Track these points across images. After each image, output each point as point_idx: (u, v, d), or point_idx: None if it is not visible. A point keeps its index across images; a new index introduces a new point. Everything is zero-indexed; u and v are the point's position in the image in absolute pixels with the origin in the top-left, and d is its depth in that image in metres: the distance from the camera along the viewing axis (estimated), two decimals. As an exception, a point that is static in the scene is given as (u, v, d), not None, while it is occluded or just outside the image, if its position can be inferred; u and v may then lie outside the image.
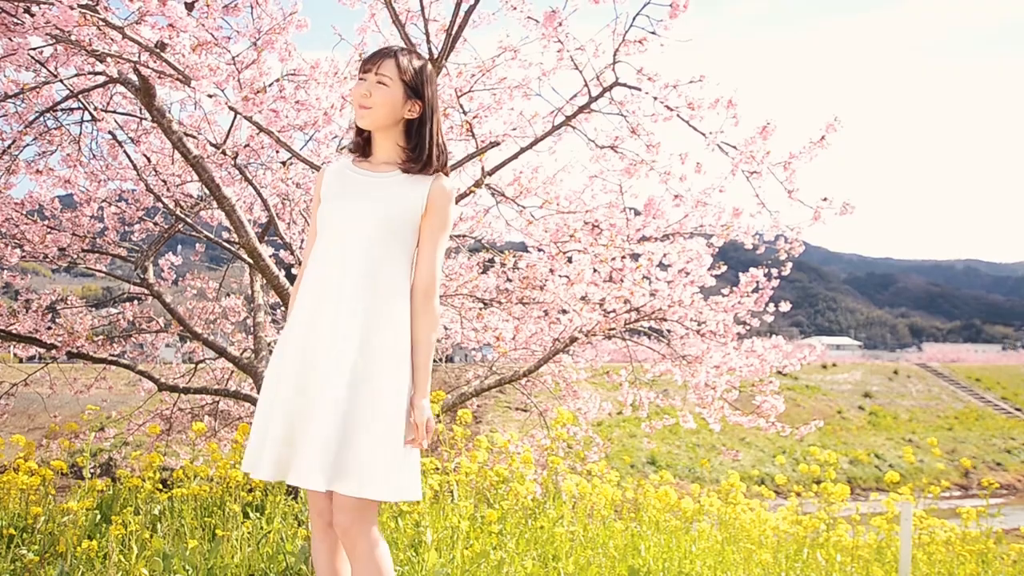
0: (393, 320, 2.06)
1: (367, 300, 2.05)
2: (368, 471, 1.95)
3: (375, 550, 2.02)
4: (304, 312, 2.10)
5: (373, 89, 2.08)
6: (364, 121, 2.12)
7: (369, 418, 1.98)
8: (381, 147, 2.17)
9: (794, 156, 4.37)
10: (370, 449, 1.97)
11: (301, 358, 2.05)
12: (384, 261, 2.08)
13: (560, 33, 4.11)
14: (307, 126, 4.96)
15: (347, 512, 2.00)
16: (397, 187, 2.12)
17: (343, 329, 2.02)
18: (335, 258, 2.08)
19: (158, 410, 8.02)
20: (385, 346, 2.04)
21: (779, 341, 6.53)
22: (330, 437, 1.94)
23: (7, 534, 3.37)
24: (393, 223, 2.09)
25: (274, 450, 1.99)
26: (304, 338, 2.07)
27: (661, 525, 4.38)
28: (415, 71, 2.12)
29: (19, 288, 6.47)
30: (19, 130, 4.32)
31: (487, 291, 6.26)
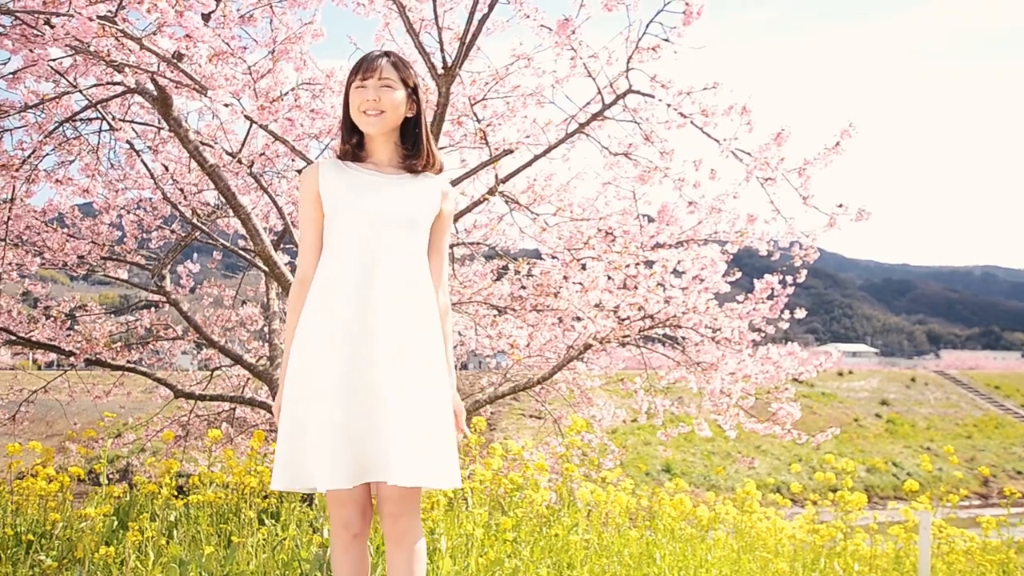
0: (430, 316, 2.13)
1: (406, 297, 2.09)
2: (431, 460, 2.00)
3: (421, 538, 2.10)
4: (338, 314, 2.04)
5: (380, 94, 2.11)
6: (374, 127, 2.13)
7: (428, 410, 2.04)
8: (381, 149, 2.19)
9: (809, 162, 4.36)
10: (432, 439, 2.02)
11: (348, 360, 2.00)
12: (412, 257, 2.13)
13: (573, 41, 4.13)
14: (322, 134, 5.01)
15: (404, 502, 2.05)
16: (412, 187, 2.17)
17: (392, 326, 2.04)
18: (359, 260, 2.06)
19: (175, 417, 8.07)
20: (429, 339, 2.10)
21: (794, 348, 6.50)
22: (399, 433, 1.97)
23: (26, 540, 3.40)
24: (415, 221, 2.14)
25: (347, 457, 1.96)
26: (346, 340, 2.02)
27: (676, 533, 4.36)
28: (410, 72, 2.19)
29: (39, 296, 6.53)
30: (39, 140, 4.37)
31: (501, 298, 6.27)
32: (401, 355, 2.03)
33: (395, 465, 1.95)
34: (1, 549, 3.35)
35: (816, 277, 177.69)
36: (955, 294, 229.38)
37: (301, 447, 2.00)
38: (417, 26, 4.07)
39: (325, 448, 1.95)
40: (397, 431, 1.96)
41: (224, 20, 3.32)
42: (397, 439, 1.96)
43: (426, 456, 1.99)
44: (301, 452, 2.00)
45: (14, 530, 3.49)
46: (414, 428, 1.99)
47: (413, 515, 2.08)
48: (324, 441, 1.96)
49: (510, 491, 4.01)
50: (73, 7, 2.75)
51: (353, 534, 2.10)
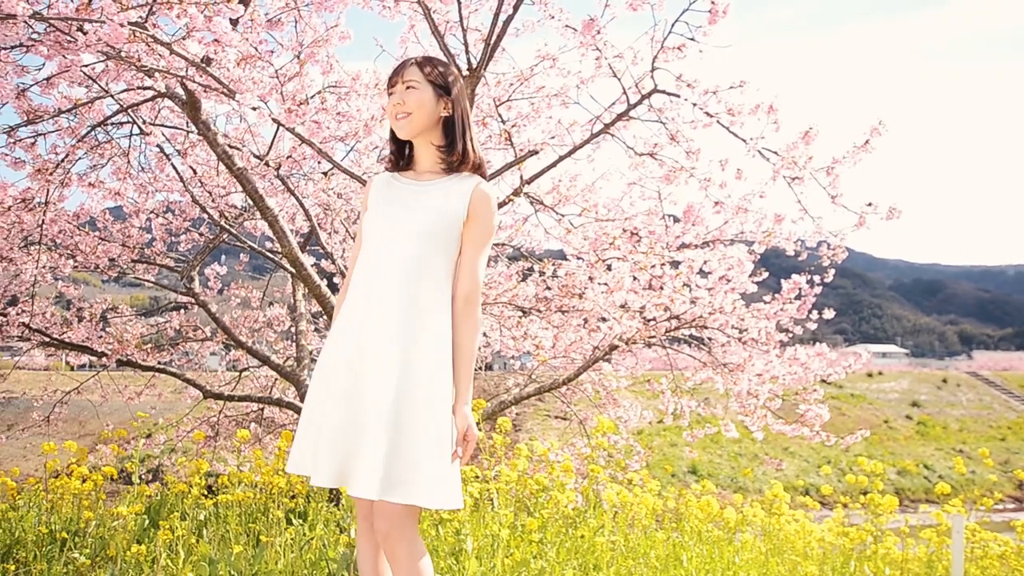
0: (434, 329, 2.07)
1: (409, 309, 2.06)
2: (412, 479, 1.96)
3: (415, 556, 2.02)
4: (348, 322, 2.12)
5: (405, 96, 2.12)
6: (405, 130, 2.14)
7: (413, 427, 1.99)
8: (423, 155, 2.19)
9: (837, 161, 4.31)
10: (414, 457, 1.97)
11: (348, 367, 2.07)
12: (425, 269, 2.09)
13: (598, 41, 4.12)
14: (348, 137, 5.04)
15: (388, 518, 2.00)
16: (439, 195, 2.13)
17: (386, 339, 2.04)
18: (377, 268, 2.10)
19: (204, 417, 8.17)
20: (427, 354, 2.04)
21: (823, 349, 6.43)
22: (380, 447, 1.95)
23: (60, 538, 3.46)
24: (434, 232, 2.10)
25: (330, 459, 2.02)
26: (349, 348, 2.08)
27: (703, 535, 4.33)
28: (439, 71, 2.16)
29: (71, 298, 6.65)
30: (72, 144, 4.45)
31: (526, 299, 6.27)
32: (387, 373, 2.01)
33: (357, 477, 1.98)
34: (36, 547, 3.42)
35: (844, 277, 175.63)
36: (987, 294, 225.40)
37: (306, 442, 2.09)
38: (442, 28, 4.08)
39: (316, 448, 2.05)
40: (366, 445, 1.98)
41: (252, 24, 3.35)
42: (367, 454, 1.97)
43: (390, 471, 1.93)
44: (304, 447, 2.10)
45: (49, 528, 3.55)
46: (382, 443, 1.95)
47: (400, 533, 2.01)
48: (317, 442, 2.05)
49: (536, 492, 4.01)
50: (105, 14, 2.79)
51: (371, 524, 2.12)
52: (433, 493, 1.97)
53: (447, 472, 2.01)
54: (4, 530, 3.56)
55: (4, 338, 5.40)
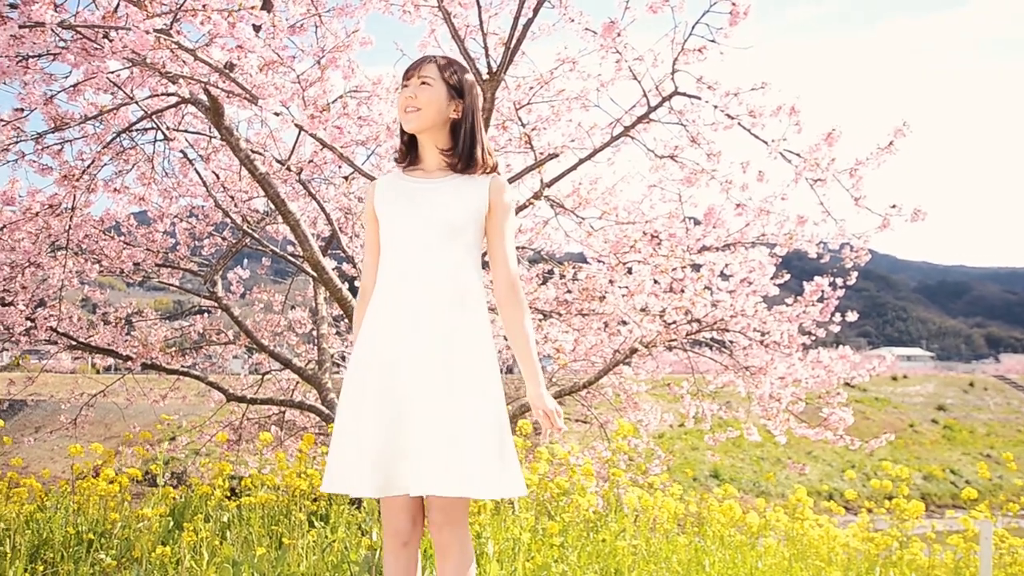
0: (473, 322, 2.08)
1: (445, 306, 2.06)
2: (474, 472, 1.97)
3: (468, 550, 2.07)
4: (380, 327, 2.09)
5: (418, 91, 2.12)
6: (412, 123, 2.14)
7: (469, 421, 2.00)
8: (429, 152, 2.19)
9: (861, 162, 4.26)
10: (474, 451, 1.98)
11: (384, 373, 2.05)
12: (454, 264, 2.09)
13: (618, 44, 4.11)
14: (369, 141, 5.07)
15: (445, 511, 2.03)
16: (456, 190, 2.13)
17: (426, 338, 2.03)
18: (405, 269, 2.10)
19: (227, 420, 8.24)
20: (471, 349, 2.05)
21: (846, 351, 6.36)
22: (438, 445, 1.96)
23: (87, 539, 3.51)
24: (461, 226, 2.10)
25: (375, 469, 1.99)
26: (384, 353, 2.06)
27: (726, 540, 4.30)
28: (456, 73, 2.16)
29: (97, 302, 6.74)
30: (98, 150, 4.51)
31: (547, 302, 6.26)
32: (427, 370, 2.01)
33: (413, 476, 1.97)
34: (64, 547, 3.46)
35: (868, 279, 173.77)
36: (1015, 296, 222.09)
37: (343, 455, 2.06)
38: (462, 32, 4.09)
39: (358, 458, 2.02)
40: (417, 444, 1.98)
41: (274, 30, 3.39)
42: (417, 452, 1.97)
43: (448, 467, 1.95)
44: (342, 460, 2.06)
45: (76, 529, 3.59)
46: (435, 440, 1.96)
47: (456, 525, 2.05)
48: (357, 452, 2.02)
49: (556, 496, 4.01)
50: (130, 21, 2.83)
51: (403, 542, 2.11)
52: (492, 485, 1.99)
53: (502, 462, 2.02)
54: (32, 531, 3.61)
55: (33, 341, 5.48)
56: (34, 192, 4.83)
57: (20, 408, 23.88)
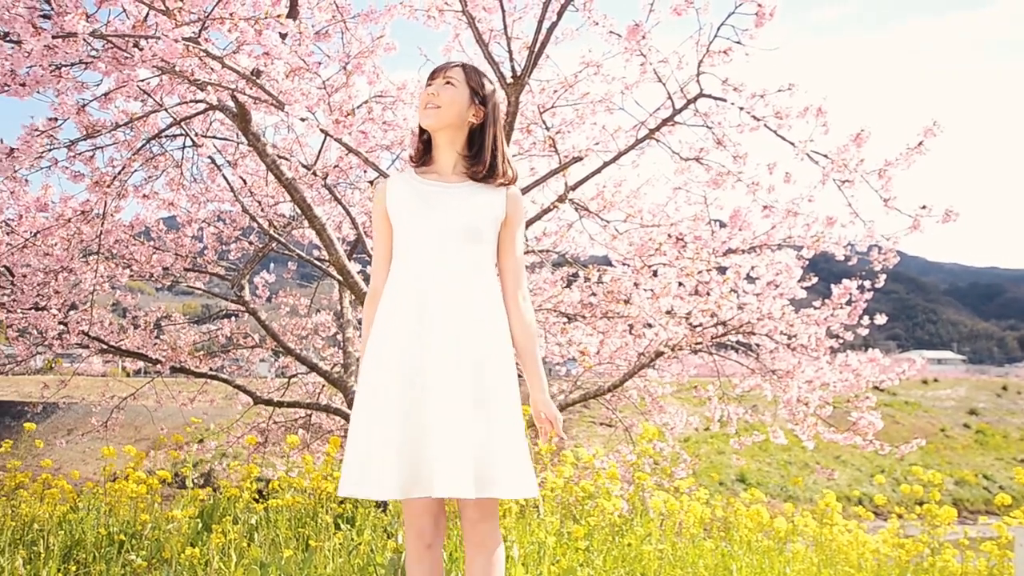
0: (493, 325, 2.10)
1: (464, 309, 2.07)
2: (499, 474, 1.98)
3: (500, 545, 2.10)
4: (396, 329, 2.09)
5: (440, 90, 2.14)
6: (430, 119, 2.15)
7: (491, 423, 2.01)
8: (445, 156, 2.19)
9: (890, 163, 4.21)
10: (502, 453, 2.00)
11: (406, 376, 2.04)
12: (472, 269, 2.10)
13: (643, 46, 4.10)
14: (394, 145, 5.10)
15: (479, 510, 2.06)
16: (473, 196, 2.14)
17: (447, 341, 2.04)
18: (421, 271, 2.10)
19: (254, 423, 8.31)
20: (494, 352, 2.07)
21: (875, 355, 6.28)
22: (466, 447, 1.97)
23: (118, 540, 3.56)
24: (479, 230, 2.11)
25: (398, 471, 1.99)
26: (405, 355, 2.06)
27: (753, 545, 4.26)
28: (481, 80, 2.19)
29: (127, 306, 6.83)
30: (128, 157, 4.58)
31: (571, 305, 6.26)
32: (453, 372, 2.02)
33: (440, 479, 1.96)
34: (96, 548, 3.51)
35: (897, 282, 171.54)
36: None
37: (362, 458, 2.04)
38: (486, 36, 4.10)
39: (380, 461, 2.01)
40: (440, 446, 1.97)
41: (300, 37, 3.42)
42: (440, 453, 1.97)
43: (472, 468, 1.95)
44: (361, 463, 2.04)
45: (107, 530, 3.65)
46: (459, 442, 1.96)
47: (490, 521, 2.08)
48: (379, 454, 2.01)
49: (582, 499, 3.99)
50: (160, 30, 2.88)
51: (427, 544, 2.11)
52: (518, 485, 2.01)
53: (526, 463, 2.05)
54: (65, 532, 3.67)
55: (65, 345, 5.57)
56: (67, 198, 4.92)
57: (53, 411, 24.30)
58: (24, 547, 3.46)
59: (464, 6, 3.94)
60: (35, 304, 5.18)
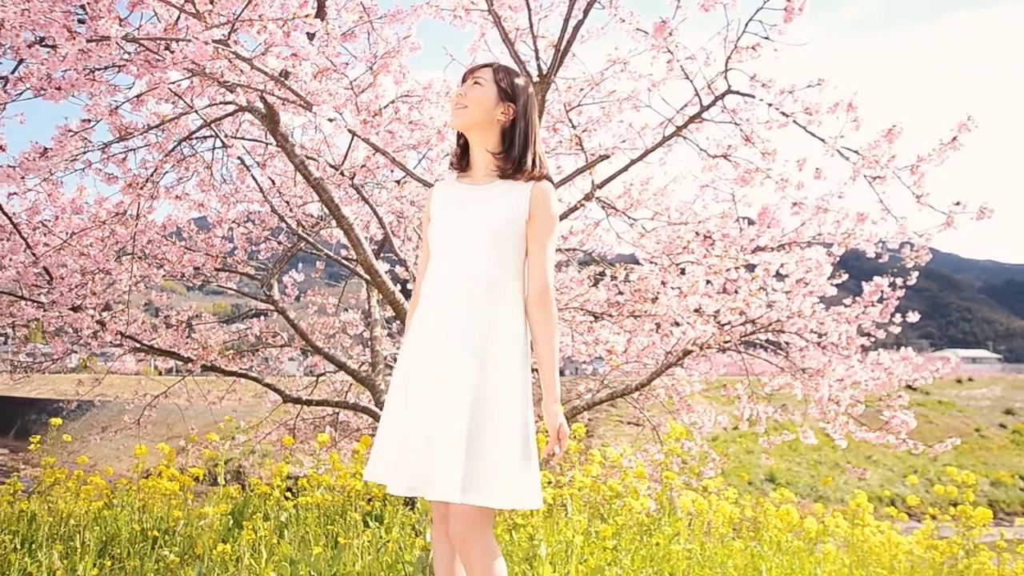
0: (508, 329, 2.09)
1: (481, 312, 2.08)
2: (488, 481, 1.97)
3: (490, 558, 2.02)
4: (422, 328, 2.15)
5: (468, 90, 2.17)
6: (457, 119, 2.18)
7: (489, 428, 2.00)
8: (479, 157, 2.22)
9: (923, 159, 4.15)
10: (490, 459, 1.98)
11: (424, 374, 2.09)
12: (494, 271, 2.11)
13: (670, 43, 4.07)
14: (420, 145, 5.11)
15: (463, 520, 2.02)
16: (499, 196, 2.15)
17: (460, 342, 2.06)
18: (447, 273, 2.14)
19: (283, 421, 8.39)
20: (501, 355, 2.06)
21: (908, 353, 6.19)
22: (457, 450, 1.96)
23: (151, 536, 3.61)
24: (499, 232, 2.12)
25: (407, 468, 2.04)
26: (425, 353, 2.11)
27: (783, 546, 4.21)
28: (509, 78, 2.20)
29: (159, 306, 6.93)
30: (160, 159, 4.65)
31: (598, 304, 6.23)
32: (459, 374, 2.03)
33: (435, 481, 1.99)
34: (130, 544, 3.57)
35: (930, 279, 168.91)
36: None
37: (383, 450, 2.11)
38: (512, 35, 4.11)
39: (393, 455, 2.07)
40: (444, 448, 1.99)
41: (327, 38, 3.44)
42: (439, 456, 1.99)
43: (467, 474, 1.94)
44: (382, 454, 2.11)
45: (141, 526, 3.71)
46: (458, 446, 1.96)
47: (475, 535, 2.02)
48: (394, 448, 2.08)
49: (609, 498, 3.98)
50: (190, 33, 2.91)
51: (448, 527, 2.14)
52: (509, 494, 1.98)
53: (524, 472, 2.01)
54: (100, 527, 3.73)
55: (100, 344, 5.67)
56: (101, 200, 5.01)
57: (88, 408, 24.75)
58: (61, 542, 3.53)
59: (490, 5, 3.95)
60: (72, 304, 5.27)
